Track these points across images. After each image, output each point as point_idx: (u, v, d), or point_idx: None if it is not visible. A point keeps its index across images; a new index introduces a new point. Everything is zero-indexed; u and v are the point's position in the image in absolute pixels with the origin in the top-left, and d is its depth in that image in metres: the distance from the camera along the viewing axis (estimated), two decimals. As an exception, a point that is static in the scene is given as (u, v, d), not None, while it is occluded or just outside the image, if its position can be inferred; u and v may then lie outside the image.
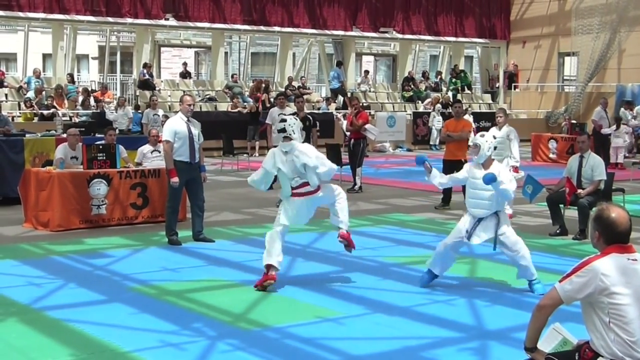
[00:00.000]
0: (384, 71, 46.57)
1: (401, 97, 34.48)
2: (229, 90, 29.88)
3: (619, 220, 4.86)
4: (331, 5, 33.19)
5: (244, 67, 36.87)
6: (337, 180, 18.76)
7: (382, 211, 15.26)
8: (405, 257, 10.99)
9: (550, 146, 26.03)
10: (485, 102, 36.82)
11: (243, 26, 31.74)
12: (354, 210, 15.32)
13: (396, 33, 35.25)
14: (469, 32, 37.10)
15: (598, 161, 12.70)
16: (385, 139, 28.60)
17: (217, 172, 22.02)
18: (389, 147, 29.33)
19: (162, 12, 29.51)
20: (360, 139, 17.90)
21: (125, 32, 35.42)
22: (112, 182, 13.05)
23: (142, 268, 10.12)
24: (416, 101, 34.13)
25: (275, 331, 7.54)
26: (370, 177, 19.66)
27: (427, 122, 30.97)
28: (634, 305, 4.73)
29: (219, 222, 13.79)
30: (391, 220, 14.16)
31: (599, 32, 32.38)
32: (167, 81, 31.71)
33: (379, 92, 35.10)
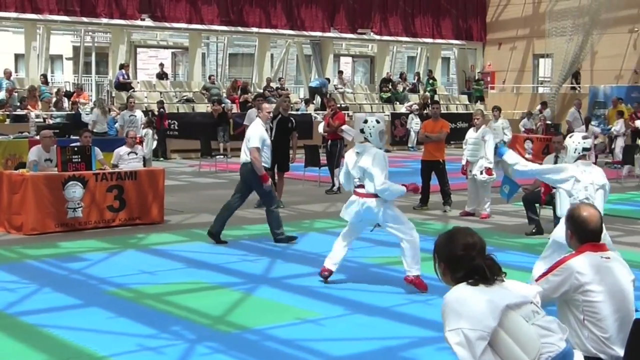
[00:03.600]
0: (362, 72, 46.60)
1: (379, 98, 34.52)
2: (206, 92, 29.79)
3: (590, 219, 4.99)
4: (309, 7, 33.17)
5: (221, 68, 36.78)
6: (315, 181, 18.76)
7: (360, 212, 15.21)
8: (384, 257, 10.97)
9: (526, 146, 26.14)
10: (462, 103, 36.92)
11: (220, 27, 31.65)
12: (332, 211, 15.31)
13: (374, 34, 35.31)
14: (446, 34, 37.23)
15: (572, 161, 12.76)
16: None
17: (195, 173, 21.93)
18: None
19: (138, 12, 29.35)
20: (338, 140, 17.87)
21: (101, 32, 35.21)
22: (88, 185, 12.92)
23: (119, 271, 10.02)
24: (394, 102, 34.17)
25: (255, 333, 7.50)
26: (348, 178, 19.60)
27: (405, 123, 31.01)
28: (607, 303, 4.81)
29: (197, 224, 13.71)
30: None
31: (572, 34, 32.59)
32: (144, 82, 31.55)
33: (357, 93, 35.12)
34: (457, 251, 4.21)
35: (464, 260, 4.17)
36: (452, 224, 13.83)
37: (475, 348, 3.95)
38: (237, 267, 10.38)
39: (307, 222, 14.06)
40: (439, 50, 38.55)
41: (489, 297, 4.04)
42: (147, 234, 12.68)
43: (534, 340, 4.03)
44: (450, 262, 4.27)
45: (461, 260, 4.18)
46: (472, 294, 4.08)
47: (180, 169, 23.24)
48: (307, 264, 10.57)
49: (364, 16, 34.76)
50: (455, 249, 4.22)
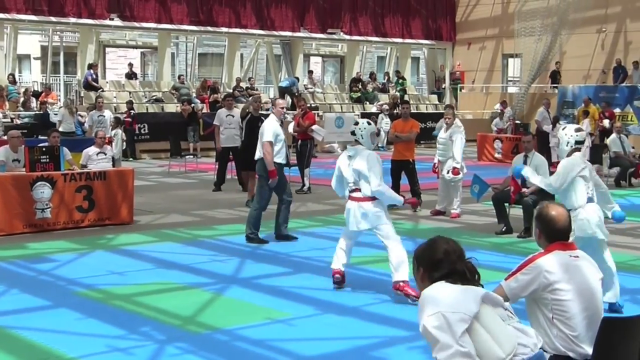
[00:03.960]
0: (332, 72, 46.64)
1: (349, 98, 34.56)
2: (175, 92, 29.68)
3: (558, 217, 5.03)
4: (279, 6, 33.13)
5: (191, 68, 36.65)
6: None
7: (331, 212, 15.24)
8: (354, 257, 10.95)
9: (495, 146, 26.28)
10: (432, 102, 37.07)
11: (190, 27, 31.53)
12: (303, 211, 15.32)
13: (343, 34, 35.34)
14: (416, 34, 37.35)
15: (542, 161, 12.89)
16: (333, 140, 28.59)
17: (164, 173, 21.85)
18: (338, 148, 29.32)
19: (106, 11, 29.16)
20: (308, 140, 17.88)
21: (69, 32, 34.95)
22: (57, 185, 12.81)
23: (88, 272, 9.95)
24: (364, 102, 34.23)
25: (225, 333, 7.48)
26: (319, 177, 19.60)
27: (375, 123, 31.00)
28: (576, 301, 4.84)
29: (167, 224, 13.66)
30: (340, 221, 14.05)
31: (541, 34, 32.82)
32: (113, 82, 31.36)
33: (327, 93, 35.14)
34: (437, 255, 4.30)
35: (444, 263, 4.26)
36: (422, 224, 13.90)
37: (455, 329, 3.96)
38: (207, 267, 10.35)
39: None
40: (409, 50, 38.67)
41: (466, 288, 4.16)
42: (117, 234, 12.61)
43: (511, 337, 4.07)
44: (430, 265, 4.31)
45: (441, 264, 4.26)
46: (449, 286, 4.18)
47: (149, 169, 23.13)
48: (278, 264, 10.57)
49: (333, 16, 34.79)
50: (435, 254, 4.31)
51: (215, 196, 17.27)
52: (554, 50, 32.80)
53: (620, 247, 11.95)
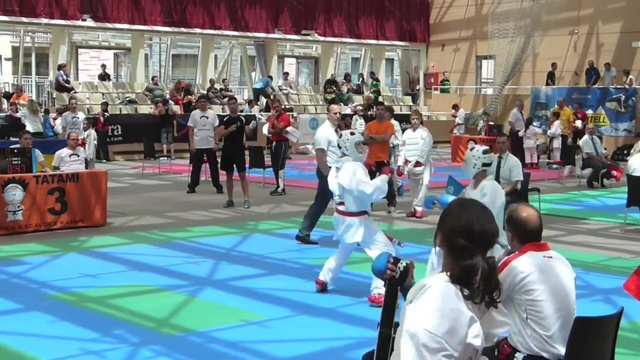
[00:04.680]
0: (306, 73, 46.63)
1: (323, 99, 34.56)
2: (149, 93, 29.55)
3: (529, 218, 5.03)
4: (253, 8, 33.07)
5: (164, 69, 36.50)
6: (260, 183, 18.72)
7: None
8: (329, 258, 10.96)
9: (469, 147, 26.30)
10: (406, 104, 37.14)
11: (163, 27, 31.39)
12: (277, 212, 15.31)
13: (318, 36, 35.33)
14: (390, 35, 37.41)
15: (515, 162, 12.96)
16: (308, 141, 28.59)
17: (138, 175, 21.75)
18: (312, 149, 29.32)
19: (79, 12, 28.95)
20: (282, 142, 17.87)
21: (41, 32, 34.69)
22: (28, 187, 12.71)
23: (61, 275, 9.88)
24: (338, 103, 34.21)
25: (199, 335, 7.45)
26: (294, 179, 19.63)
27: (349, 125, 31.04)
28: (549, 301, 4.86)
29: (140, 226, 13.59)
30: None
31: (514, 36, 32.97)
32: (86, 83, 31.17)
33: (301, 95, 35.12)
34: (458, 237, 3.50)
35: (463, 252, 3.48)
36: (397, 225, 13.91)
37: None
38: (181, 269, 10.31)
39: (251, 224, 14.02)
40: (383, 52, 38.74)
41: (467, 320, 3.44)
42: (90, 236, 12.53)
43: None
44: (448, 245, 3.57)
45: (459, 251, 3.49)
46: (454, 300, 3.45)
47: (122, 170, 23.02)
48: (252, 266, 10.54)
49: (308, 17, 34.78)
50: (457, 233, 3.51)
51: (189, 198, 17.22)
52: (527, 52, 32.96)
53: (592, 248, 12.05)
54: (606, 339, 4.97)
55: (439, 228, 3.64)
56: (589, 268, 10.31)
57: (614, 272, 10.05)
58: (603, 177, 19.60)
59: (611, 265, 10.74)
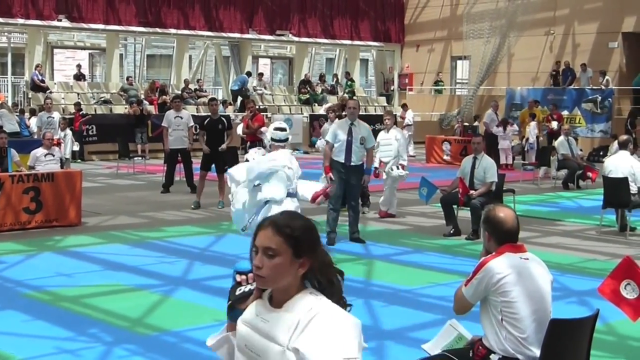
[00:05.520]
0: (281, 74, 46.65)
1: (298, 99, 34.61)
2: (124, 93, 29.49)
3: (506, 219, 5.03)
4: (227, 8, 33.08)
5: (139, 69, 36.41)
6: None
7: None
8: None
9: (444, 148, 26.48)
10: (381, 104, 37.26)
11: (138, 28, 31.36)
12: (251, 212, 15.31)
13: (292, 36, 35.38)
14: (364, 36, 37.52)
15: (490, 163, 12.98)
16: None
17: (113, 175, 21.72)
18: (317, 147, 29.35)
19: (54, 12, 28.88)
20: (257, 142, 17.88)
21: (17, 32, 34.52)
22: (4, 187, 12.70)
23: (36, 274, 9.89)
24: (313, 104, 34.30)
25: (174, 335, 7.50)
26: (268, 179, 19.65)
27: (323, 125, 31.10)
28: (525, 303, 4.87)
29: (115, 226, 13.60)
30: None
31: (490, 36, 33.10)
32: (61, 83, 31.06)
33: (275, 95, 35.14)
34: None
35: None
36: (370, 226, 13.98)
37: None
38: (156, 268, 10.34)
39: (225, 224, 14.03)
40: (358, 52, 38.83)
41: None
42: (64, 236, 12.53)
43: None
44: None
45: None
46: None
47: (97, 170, 22.97)
48: (226, 266, 10.55)
49: (282, 18, 34.82)
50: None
51: (164, 198, 17.23)
52: (502, 53, 33.12)
53: (567, 249, 12.14)
54: (581, 341, 4.98)
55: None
56: (564, 270, 10.37)
57: (589, 274, 10.07)
58: (579, 179, 19.53)
59: (587, 267, 10.78)
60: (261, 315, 3.10)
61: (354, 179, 12.15)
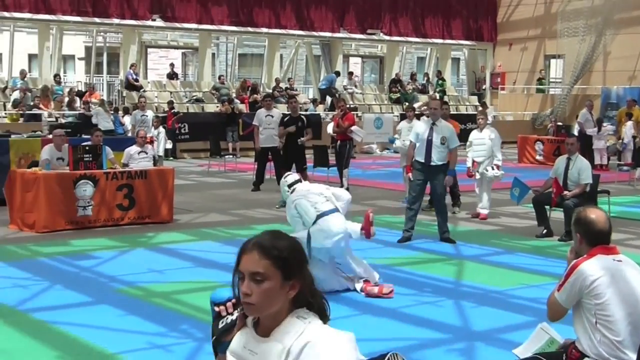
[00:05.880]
0: (371, 73, 46.59)
1: (388, 98, 34.52)
2: (216, 92, 29.86)
3: (597, 220, 4.93)
4: (318, 7, 33.19)
5: (231, 68, 36.83)
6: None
7: (369, 213, 15.23)
8: (392, 258, 10.99)
9: (536, 148, 26.08)
10: (472, 104, 36.91)
11: (230, 27, 31.71)
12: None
13: (383, 35, 35.30)
14: (456, 34, 37.20)
15: (585, 164, 12.68)
16: (372, 141, 28.62)
17: (204, 173, 21.99)
18: (376, 149, 29.35)
19: (149, 12, 29.44)
20: (347, 141, 17.89)
21: (112, 32, 35.33)
22: (99, 183, 12.98)
23: (128, 270, 10.06)
24: (403, 103, 34.14)
25: (263, 333, 7.50)
26: (358, 178, 19.67)
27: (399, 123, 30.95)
28: (619, 306, 4.75)
29: (206, 223, 13.75)
30: (379, 221, 14.10)
31: (585, 34, 32.48)
32: (154, 82, 31.64)
33: (366, 94, 35.12)
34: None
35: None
36: (461, 226, 13.84)
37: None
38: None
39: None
40: (449, 51, 38.52)
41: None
42: (157, 232, 12.73)
43: None
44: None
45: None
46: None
47: (189, 168, 23.31)
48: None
49: (373, 16, 34.77)
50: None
51: (254, 196, 17.35)
52: (597, 51, 32.45)
53: None
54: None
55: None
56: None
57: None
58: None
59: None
60: (249, 347, 2.89)
61: (436, 179, 12.03)
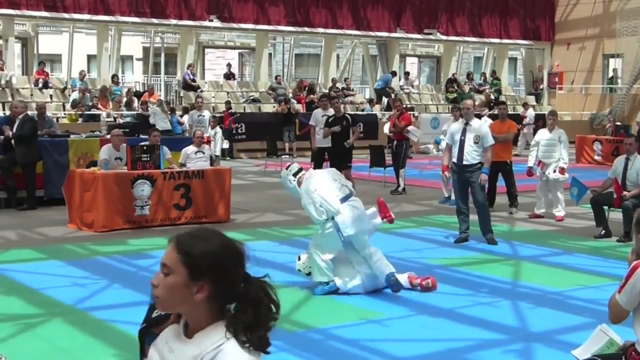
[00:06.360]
0: (428, 73, 46.41)
1: (445, 98, 34.34)
2: (272, 92, 29.99)
3: None
4: (375, 7, 33.15)
5: (287, 68, 36.97)
6: (381, 182, 18.75)
7: (425, 213, 15.20)
8: (449, 258, 10.94)
9: (595, 148, 25.77)
10: (529, 104, 36.56)
11: (287, 27, 31.83)
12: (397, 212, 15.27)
13: (440, 35, 35.13)
14: (513, 34, 36.87)
15: (645, 164, 12.50)
16: (429, 141, 28.49)
17: (261, 173, 22.09)
18: (433, 149, 29.21)
19: (206, 13, 29.68)
20: (403, 141, 17.85)
21: (170, 33, 35.69)
22: (156, 183, 13.11)
23: (186, 269, 10.13)
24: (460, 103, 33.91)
25: (319, 332, 7.54)
26: (414, 178, 19.60)
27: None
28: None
29: (262, 223, 13.82)
30: (435, 222, 14.09)
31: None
32: (211, 82, 31.90)
33: (422, 94, 35.00)
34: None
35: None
36: (518, 227, 13.73)
37: None
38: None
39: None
40: (506, 51, 38.19)
41: None
42: (214, 232, 12.78)
43: None
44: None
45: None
46: None
47: (246, 168, 23.43)
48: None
49: (430, 16, 34.63)
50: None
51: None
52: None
53: None
54: None
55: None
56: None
57: None
58: None
59: None
60: (169, 343, 2.77)
61: (472, 178, 11.88)
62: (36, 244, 11.84)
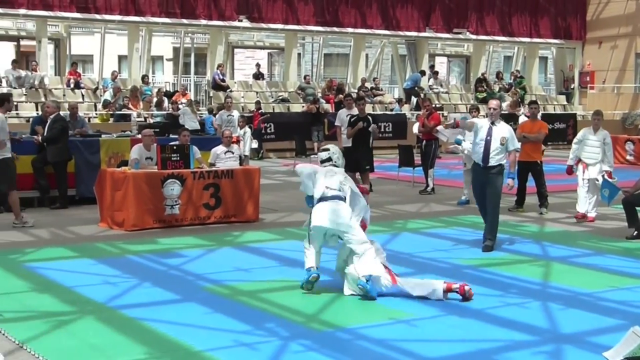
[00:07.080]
0: (457, 72, 46.23)
1: (474, 98, 34.19)
2: (301, 92, 30.02)
3: None
4: (404, 6, 33.07)
5: (316, 68, 36.98)
6: (409, 181, 18.71)
7: (455, 213, 15.15)
8: (478, 259, 10.90)
9: (627, 148, 25.56)
10: (560, 103, 36.32)
11: (316, 27, 31.82)
12: (426, 212, 15.26)
13: (470, 34, 34.98)
14: (544, 33, 36.61)
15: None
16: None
17: (290, 172, 22.11)
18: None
19: (235, 13, 29.75)
20: (432, 141, 17.80)
21: (199, 33, 35.83)
22: (186, 183, 13.18)
23: (215, 268, 10.20)
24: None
25: (348, 332, 7.53)
26: (443, 178, 19.55)
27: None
28: None
29: (291, 222, 13.82)
30: (464, 222, 14.04)
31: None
32: (241, 82, 31.99)
33: (452, 93, 34.88)
34: None
35: None
36: (547, 227, 13.65)
37: None
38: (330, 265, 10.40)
39: (400, 222, 14.05)
40: (537, 50, 37.94)
41: None
42: (243, 231, 12.86)
43: None
44: None
45: None
46: None
47: (275, 168, 23.48)
48: (401, 264, 10.53)
49: (459, 15, 34.48)
50: None
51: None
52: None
53: None
54: None
55: None
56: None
57: None
58: None
59: None
60: None
61: (490, 180, 11.55)
62: (68, 243, 11.94)
